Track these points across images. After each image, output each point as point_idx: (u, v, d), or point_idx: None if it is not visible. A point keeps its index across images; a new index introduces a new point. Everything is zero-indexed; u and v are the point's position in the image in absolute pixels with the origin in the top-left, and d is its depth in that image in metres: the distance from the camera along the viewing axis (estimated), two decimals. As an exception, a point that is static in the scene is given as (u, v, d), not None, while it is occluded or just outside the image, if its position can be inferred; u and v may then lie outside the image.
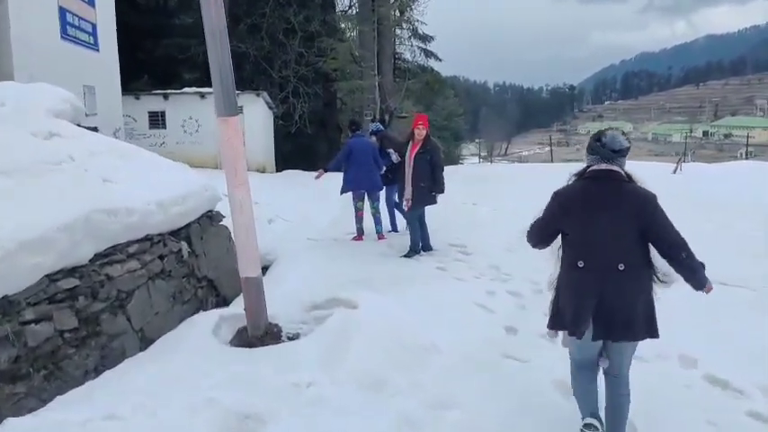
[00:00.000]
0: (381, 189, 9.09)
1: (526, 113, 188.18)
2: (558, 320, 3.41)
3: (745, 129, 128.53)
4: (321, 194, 11.34)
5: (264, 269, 7.78)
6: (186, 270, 5.38)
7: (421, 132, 7.82)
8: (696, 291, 3.28)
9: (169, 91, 18.88)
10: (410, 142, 7.96)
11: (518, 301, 6.19)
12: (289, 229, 9.72)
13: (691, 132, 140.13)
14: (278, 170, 21.11)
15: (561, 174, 3.58)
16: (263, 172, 18.81)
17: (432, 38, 26.86)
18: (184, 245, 5.36)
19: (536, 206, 3.56)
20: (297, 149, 28.59)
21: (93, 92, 12.38)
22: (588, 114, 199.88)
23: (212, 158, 18.82)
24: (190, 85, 20.02)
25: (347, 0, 25.79)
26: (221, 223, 6.44)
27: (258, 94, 19.30)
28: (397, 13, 23.40)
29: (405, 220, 8.93)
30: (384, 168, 9.00)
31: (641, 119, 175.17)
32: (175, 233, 5.32)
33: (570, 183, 3.38)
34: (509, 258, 7.53)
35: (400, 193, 8.18)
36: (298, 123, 23.19)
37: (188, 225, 5.58)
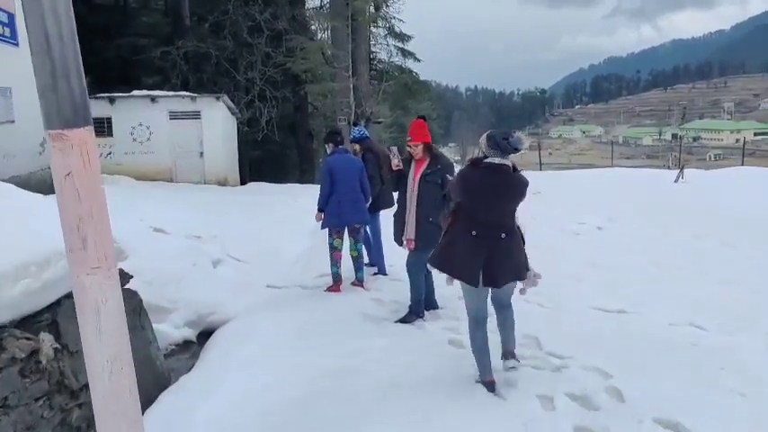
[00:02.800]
0: (368, 223, 7.01)
1: (499, 117, 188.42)
2: (454, 271, 4.21)
3: (713, 131, 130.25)
4: (288, 218, 9.22)
5: (206, 335, 5.75)
6: (47, 384, 3.16)
7: (417, 149, 5.55)
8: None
9: (116, 94, 16.65)
10: (412, 161, 5.67)
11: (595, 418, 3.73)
12: (243, 272, 7.29)
13: (660, 135, 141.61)
14: (243, 182, 19.06)
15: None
16: (223, 185, 16.71)
17: (409, 37, 24.93)
18: (46, 339, 3.23)
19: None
20: (266, 157, 26.64)
21: (7, 94, 10.18)
22: (559, 118, 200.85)
23: (167, 170, 16.70)
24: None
25: (318, -5, 23.90)
26: (127, 287, 4.31)
27: (218, 98, 17.19)
28: (373, 9, 21.48)
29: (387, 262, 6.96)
30: (371, 198, 6.90)
31: (611, 122, 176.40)
32: (30, 321, 3.20)
33: (468, 168, 4.18)
34: (542, 319, 5.39)
35: (398, 231, 5.77)
36: (265, 130, 21.20)
37: (57, 303, 3.36)
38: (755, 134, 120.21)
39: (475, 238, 4.04)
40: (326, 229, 6.65)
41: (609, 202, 12.54)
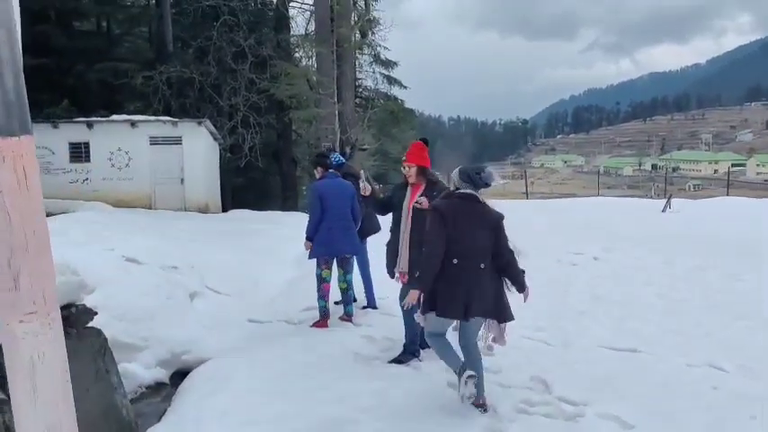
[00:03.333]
0: (358, 253, 6.50)
1: (481, 146, 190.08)
2: (437, 307, 4.14)
3: (691, 162, 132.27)
4: (271, 247, 8.72)
5: (181, 375, 5.21)
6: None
7: (410, 171, 5.10)
8: (519, 293, 4.38)
9: (94, 118, 16.15)
10: (408, 186, 5.19)
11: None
12: (222, 304, 6.67)
13: (640, 166, 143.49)
14: (225, 209, 18.55)
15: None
16: (204, 212, 16.18)
17: (395, 64, 24.80)
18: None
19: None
20: (248, 184, 26.16)
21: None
22: (541, 147, 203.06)
23: (146, 197, 16.17)
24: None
25: (303, 21, 23.74)
26: (90, 325, 3.78)
27: (200, 123, 16.76)
28: (359, 36, 21.29)
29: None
30: (359, 224, 6.40)
31: (592, 152, 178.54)
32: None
33: (442, 199, 4.35)
34: (550, 359, 4.91)
35: (390, 262, 5.26)
36: (248, 156, 20.76)
37: None
38: (732, 165, 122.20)
39: (456, 267, 4.05)
40: (314, 260, 6.17)
41: (601, 232, 12.21)
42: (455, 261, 4.06)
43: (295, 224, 6.52)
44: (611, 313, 6.27)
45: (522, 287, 4.35)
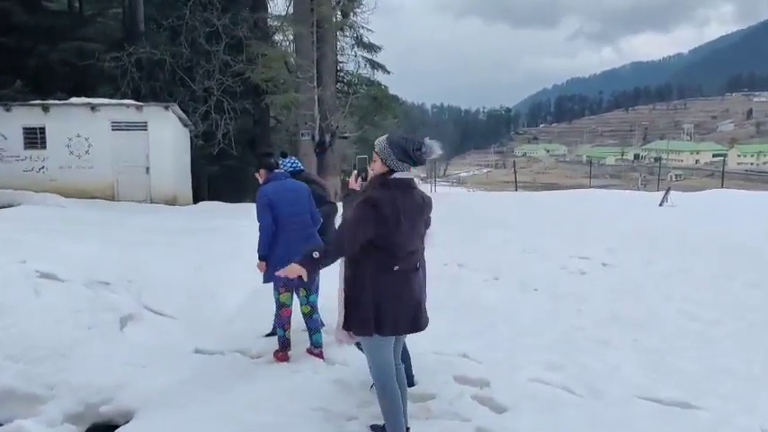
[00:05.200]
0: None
1: (464, 135, 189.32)
2: (369, 324, 3.31)
3: (673, 152, 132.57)
4: (234, 251, 7.40)
5: (107, 429, 4.07)
6: None
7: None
8: None
9: (50, 101, 14.83)
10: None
11: None
12: (164, 331, 5.39)
13: (623, 156, 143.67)
14: (197, 200, 17.35)
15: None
16: (172, 204, 14.98)
17: (379, 48, 23.58)
18: None
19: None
20: (224, 174, 24.87)
21: None
22: (524, 137, 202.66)
23: (108, 186, 14.94)
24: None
25: (281, 1, 22.46)
26: None
27: (167, 107, 15.50)
28: (340, 16, 20.06)
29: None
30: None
31: (575, 141, 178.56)
32: None
33: (378, 190, 3.31)
34: (578, 418, 3.71)
35: None
36: (221, 143, 19.57)
37: None
38: (714, 155, 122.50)
39: (398, 275, 3.36)
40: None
41: (600, 230, 11.25)
42: (396, 268, 3.33)
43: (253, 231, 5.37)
44: (640, 342, 5.12)
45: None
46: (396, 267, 3.32)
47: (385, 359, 3.43)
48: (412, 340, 3.98)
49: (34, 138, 14.68)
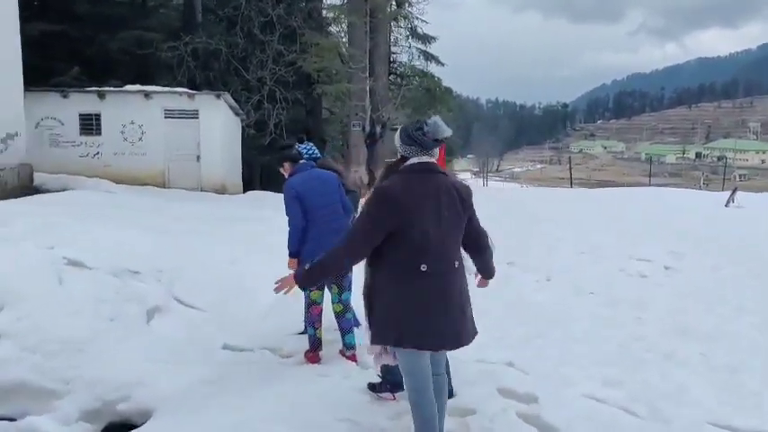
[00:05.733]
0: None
1: (519, 130, 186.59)
2: (402, 337, 2.87)
3: (737, 151, 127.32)
4: (275, 243, 7.11)
5: (123, 429, 3.87)
6: None
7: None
8: (487, 279, 3.42)
9: (106, 88, 15.00)
10: None
11: None
12: (192, 324, 5.10)
13: (684, 154, 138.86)
14: (246, 190, 17.36)
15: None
16: (222, 193, 14.99)
17: (433, 38, 23.05)
18: None
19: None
20: (276, 164, 24.88)
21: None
22: (581, 133, 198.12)
23: (160, 174, 15.03)
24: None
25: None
26: None
27: (219, 96, 15.51)
28: (394, 5, 19.73)
29: None
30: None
31: (633, 138, 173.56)
32: None
33: (388, 178, 2.97)
34: None
35: None
36: (273, 133, 19.57)
37: None
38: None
39: (427, 277, 2.84)
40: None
41: (663, 231, 10.62)
42: (423, 268, 2.83)
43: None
44: (708, 357, 4.65)
45: (492, 273, 3.41)
46: (423, 267, 2.83)
47: (417, 367, 2.98)
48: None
49: (90, 124, 14.89)
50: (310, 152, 5.47)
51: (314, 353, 4.77)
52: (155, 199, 11.12)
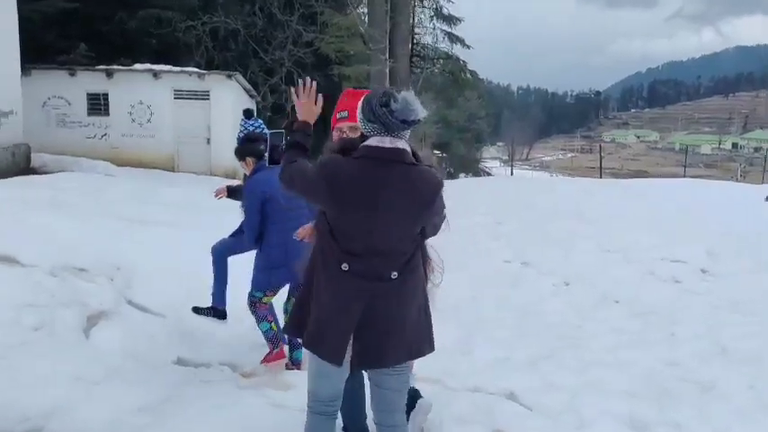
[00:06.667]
0: None
1: (549, 118, 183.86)
2: (312, 339, 2.47)
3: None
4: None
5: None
6: None
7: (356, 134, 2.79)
8: None
9: (114, 67, 14.52)
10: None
11: None
12: (144, 332, 4.29)
13: (720, 144, 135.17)
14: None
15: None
16: (232, 178, 14.41)
17: (459, 20, 22.12)
18: None
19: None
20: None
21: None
22: (613, 122, 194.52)
23: (168, 157, 14.54)
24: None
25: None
26: None
27: (230, 76, 14.95)
28: (417, -17, 18.93)
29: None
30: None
31: (668, 128, 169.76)
32: None
33: (336, 155, 2.41)
34: None
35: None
36: (290, 116, 18.98)
37: None
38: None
39: (346, 279, 2.39)
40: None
41: (698, 227, 9.70)
42: (344, 267, 2.38)
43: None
44: (758, 389, 3.77)
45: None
46: (345, 266, 2.35)
47: (321, 388, 2.55)
48: (438, 369, 2.92)
49: (98, 104, 14.46)
50: (260, 128, 4.85)
51: (277, 351, 4.20)
52: (151, 183, 10.54)
